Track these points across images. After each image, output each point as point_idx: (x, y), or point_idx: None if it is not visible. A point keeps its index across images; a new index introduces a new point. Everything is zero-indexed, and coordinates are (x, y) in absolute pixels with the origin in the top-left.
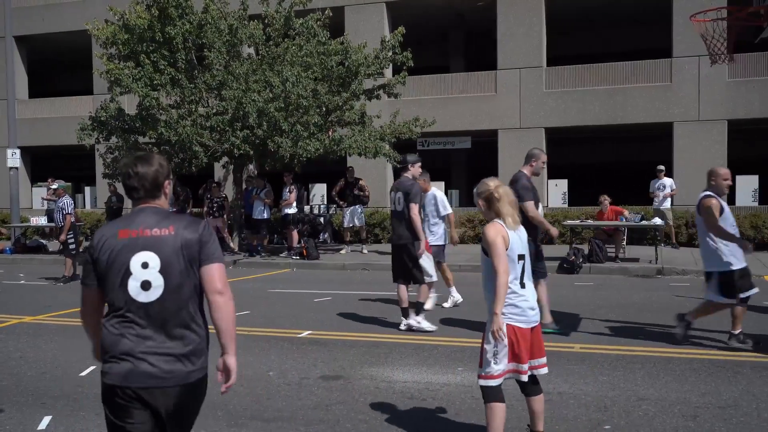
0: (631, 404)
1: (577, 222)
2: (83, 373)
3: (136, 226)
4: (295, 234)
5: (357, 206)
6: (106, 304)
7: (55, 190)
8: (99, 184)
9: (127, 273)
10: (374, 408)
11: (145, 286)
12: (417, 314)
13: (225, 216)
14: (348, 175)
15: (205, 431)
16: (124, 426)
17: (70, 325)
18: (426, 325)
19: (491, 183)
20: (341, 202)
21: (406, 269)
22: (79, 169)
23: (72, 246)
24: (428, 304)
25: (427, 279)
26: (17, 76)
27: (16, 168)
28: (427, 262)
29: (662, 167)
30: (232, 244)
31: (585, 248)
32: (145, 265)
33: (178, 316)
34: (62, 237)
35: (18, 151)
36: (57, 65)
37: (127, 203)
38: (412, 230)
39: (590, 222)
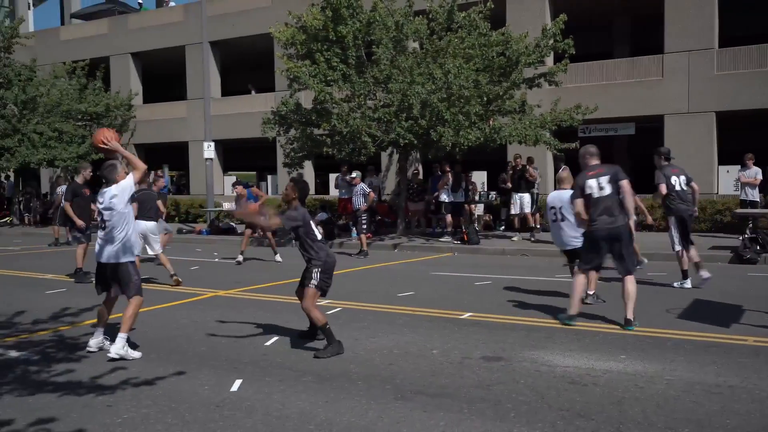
0: None
1: (748, 210)
2: (268, 343)
3: None
4: (449, 218)
5: (526, 193)
6: None
7: (353, 178)
8: (280, 172)
9: None
10: (535, 390)
11: None
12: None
13: (425, 200)
14: (518, 161)
15: (374, 402)
16: None
17: (257, 299)
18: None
19: None
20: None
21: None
22: (262, 160)
23: (364, 225)
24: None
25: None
26: (211, 77)
27: (211, 159)
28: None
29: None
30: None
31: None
32: None
33: None
34: (363, 207)
35: (212, 144)
36: (244, 66)
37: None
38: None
39: (764, 210)
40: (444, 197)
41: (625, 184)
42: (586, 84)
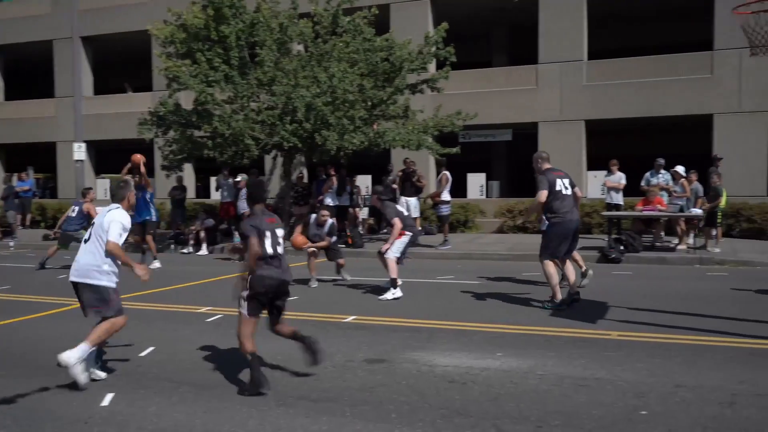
0: (668, 391)
1: (615, 213)
2: (143, 354)
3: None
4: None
5: (413, 198)
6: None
7: (238, 181)
8: (158, 176)
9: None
10: (416, 391)
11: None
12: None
13: (310, 203)
14: (406, 166)
15: (255, 410)
16: None
17: (131, 308)
18: None
19: None
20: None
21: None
22: None
23: None
24: None
25: None
26: (83, 74)
27: (82, 161)
28: None
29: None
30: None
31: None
32: None
33: None
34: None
35: (83, 145)
36: (119, 64)
37: (189, 194)
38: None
39: (627, 213)
40: (328, 201)
41: (578, 190)
42: (466, 91)
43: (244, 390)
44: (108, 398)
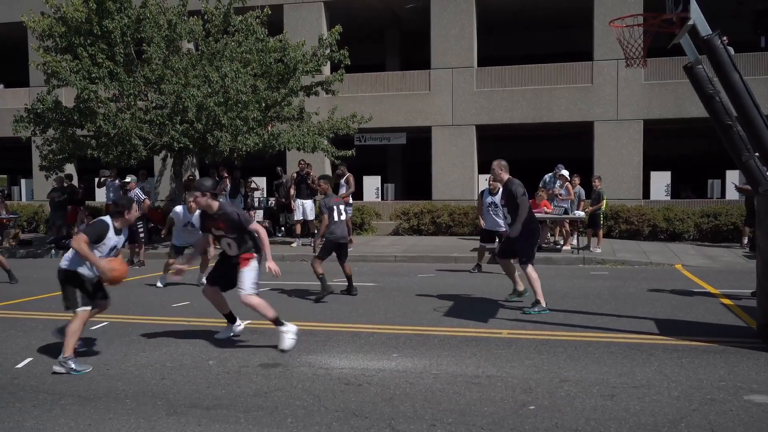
0: (554, 385)
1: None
2: (19, 366)
3: None
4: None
5: (309, 200)
6: None
7: (127, 183)
8: (36, 176)
9: None
10: (312, 394)
11: None
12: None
13: None
14: (300, 168)
15: (144, 420)
16: None
17: (6, 318)
18: None
19: None
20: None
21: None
22: (15, 162)
23: (142, 234)
24: None
25: None
26: None
27: None
28: None
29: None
30: None
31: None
32: None
33: None
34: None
35: None
36: None
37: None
38: None
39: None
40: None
41: None
42: (361, 94)
43: (317, 297)
44: None
